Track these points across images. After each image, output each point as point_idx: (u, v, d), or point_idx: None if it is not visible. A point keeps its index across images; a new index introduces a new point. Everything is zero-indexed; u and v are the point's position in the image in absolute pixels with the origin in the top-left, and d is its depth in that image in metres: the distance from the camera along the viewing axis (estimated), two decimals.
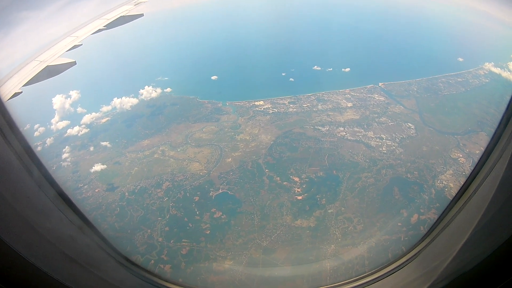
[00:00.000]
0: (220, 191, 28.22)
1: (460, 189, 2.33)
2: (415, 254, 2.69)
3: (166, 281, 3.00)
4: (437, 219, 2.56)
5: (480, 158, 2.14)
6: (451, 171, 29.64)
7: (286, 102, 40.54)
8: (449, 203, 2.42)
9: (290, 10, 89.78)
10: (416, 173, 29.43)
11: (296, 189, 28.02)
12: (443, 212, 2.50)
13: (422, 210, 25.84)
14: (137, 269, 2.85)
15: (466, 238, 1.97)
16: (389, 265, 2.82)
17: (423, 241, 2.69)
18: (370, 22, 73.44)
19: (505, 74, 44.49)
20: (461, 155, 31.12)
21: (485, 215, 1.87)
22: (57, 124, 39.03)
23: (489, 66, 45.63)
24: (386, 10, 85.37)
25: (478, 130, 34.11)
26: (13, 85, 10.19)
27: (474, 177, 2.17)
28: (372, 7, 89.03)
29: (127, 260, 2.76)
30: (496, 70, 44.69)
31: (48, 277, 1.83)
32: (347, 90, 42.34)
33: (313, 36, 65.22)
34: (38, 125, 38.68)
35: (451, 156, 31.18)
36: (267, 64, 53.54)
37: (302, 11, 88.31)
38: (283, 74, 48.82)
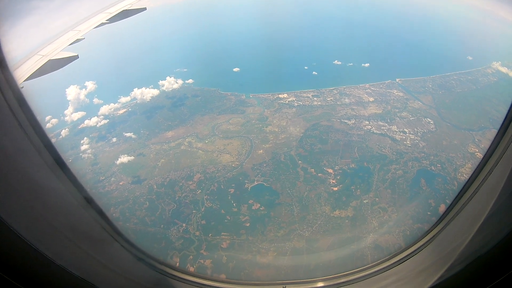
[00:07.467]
0: (256, 183, 27.69)
1: (473, 172, 2.29)
2: (429, 239, 2.65)
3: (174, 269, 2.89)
4: (451, 203, 2.51)
5: (492, 143, 2.13)
6: (469, 164, 30.72)
7: (310, 95, 40.57)
8: (463, 187, 2.38)
9: (311, 6, 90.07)
10: (439, 165, 30.26)
11: (331, 180, 28.06)
12: (456, 196, 2.45)
13: (447, 201, 26.55)
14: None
15: (481, 221, 1.94)
16: (405, 251, 2.79)
17: (437, 225, 2.64)
18: (385, 20, 74.81)
19: None
20: (477, 150, 32.26)
21: (499, 197, 1.83)
22: (72, 115, 37.22)
23: (497, 65, 47.32)
24: (400, 8, 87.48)
25: (490, 127, 35.28)
26: None
27: (488, 160, 2.14)
28: (387, 6, 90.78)
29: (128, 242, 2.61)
30: (504, 70, 46.40)
31: (50, 262, 1.70)
32: (367, 85, 42.98)
33: (332, 31, 65.46)
34: (50, 116, 36.44)
35: (469, 150, 32.28)
36: (289, 57, 53.43)
37: (322, 7, 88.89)
38: (306, 67, 48.75)
